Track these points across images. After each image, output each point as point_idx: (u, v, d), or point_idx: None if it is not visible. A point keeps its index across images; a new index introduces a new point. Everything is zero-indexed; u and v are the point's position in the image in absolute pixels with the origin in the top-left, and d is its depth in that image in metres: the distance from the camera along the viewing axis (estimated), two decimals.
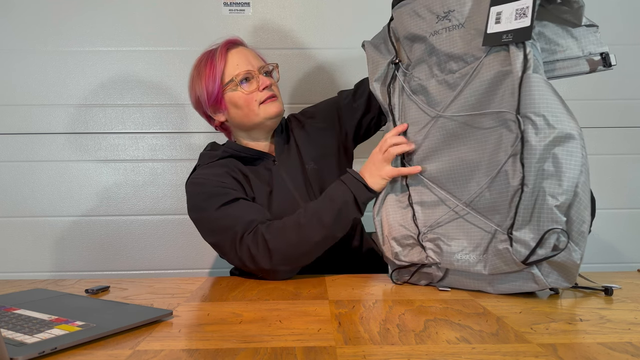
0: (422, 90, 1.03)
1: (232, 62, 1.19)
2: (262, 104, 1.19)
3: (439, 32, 0.98)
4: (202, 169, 1.19)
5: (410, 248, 1.01)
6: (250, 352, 0.62)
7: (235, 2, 1.72)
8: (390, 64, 1.09)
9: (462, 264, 0.94)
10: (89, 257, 1.73)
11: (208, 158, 1.22)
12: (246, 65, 1.19)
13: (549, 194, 0.82)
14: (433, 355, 0.61)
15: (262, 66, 1.22)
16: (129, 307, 0.81)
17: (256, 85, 1.19)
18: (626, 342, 0.65)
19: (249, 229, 1.06)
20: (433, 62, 1.00)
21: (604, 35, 1.93)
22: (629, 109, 1.83)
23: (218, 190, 1.11)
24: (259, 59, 1.25)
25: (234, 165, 1.19)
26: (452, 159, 0.97)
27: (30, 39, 1.70)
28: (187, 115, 1.74)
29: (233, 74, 1.19)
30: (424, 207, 1.02)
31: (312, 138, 1.30)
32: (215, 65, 1.19)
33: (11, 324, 0.71)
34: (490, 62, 0.90)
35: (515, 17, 0.86)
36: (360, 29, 1.75)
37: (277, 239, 1.03)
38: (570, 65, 0.94)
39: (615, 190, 1.83)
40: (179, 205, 1.74)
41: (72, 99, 1.71)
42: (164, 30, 1.71)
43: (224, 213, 1.09)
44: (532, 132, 0.82)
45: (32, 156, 1.72)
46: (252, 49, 1.26)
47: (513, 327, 0.71)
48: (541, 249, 0.83)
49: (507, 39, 0.87)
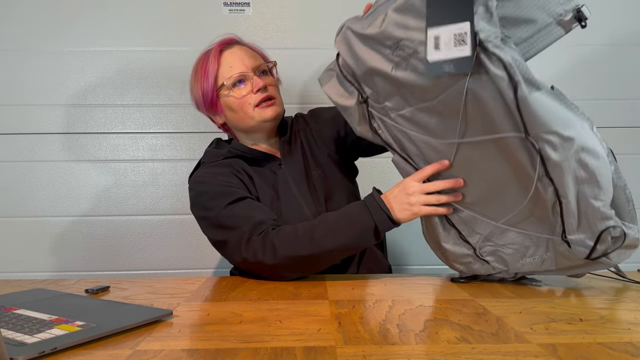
0: (409, 121, 0.92)
1: (225, 64, 1.16)
2: (257, 107, 1.16)
3: (399, 64, 0.85)
4: (207, 168, 1.18)
5: (472, 264, 1.00)
6: (250, 352, 0.62)
7: (235, 2, 1.72)
8: (359, 104, 0.97)
9: (530, 266, 0.95)
10: (89, 257, 1.73)
11: (213, 156, 1.20)
12: (240, 66, 1.15)
13: (590, 197, 0.81)
14: (433, 355, 0.61)
15: (257, 66, 1.17)
16: (129, 307, 0.81)
17: (250, 87, 1.15)
18: (626, 342, 0.65)
19: (258, 231, 1.03)
20: (405, 93, 0.89)
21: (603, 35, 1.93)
22: (629, 109, 1.83)
23: (224, 190, 1.10)
24: (256, 57, 1.20)
25: (239, 166, 1.18)
26: (483, 184, 0.90)
27: (30, 39, 1.70)
28: (187, 115, 1.74)
29: (226, 76, 1.15)
30: (467, 225, 0.97)
31: (318, 144, 1.27)
32: (208, 68, 1.16)
33: (11, 324, 0.71)
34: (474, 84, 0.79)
35: (454, 44, 0.76)
36: None
37: (286, 248, 1.00)
38: (543, 36, 0.82)
39: None
40: (179, 205, 1.74)
41: (72, 99, 1.71)
42: (164, 30, 1.71)
43: (231, 212, 1.06)
44: (550, 150, 0.78)
45: (32, 156, 1.72)
46: (249, 47, 1.22)
47: (513, 327, 0.71)
48: (601, 244, 0.84)
49: (449, 69, 0.77)
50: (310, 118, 1.33)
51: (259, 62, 1.19)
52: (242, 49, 1.20)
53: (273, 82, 1.20)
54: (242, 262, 1.06)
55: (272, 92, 1.18)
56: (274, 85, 1.20)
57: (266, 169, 1.20)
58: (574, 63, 1.82)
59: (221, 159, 1.19)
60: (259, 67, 1.18)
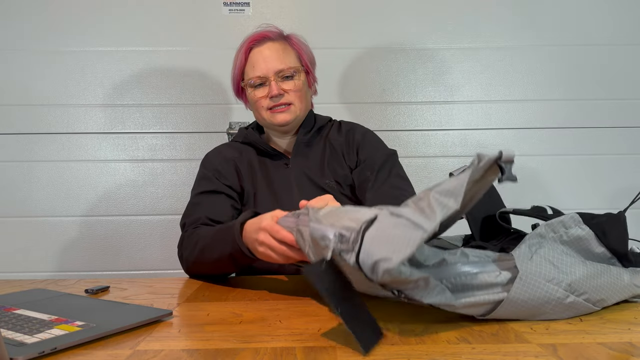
0: None
1: (250, 62, 1.20)
2: (269, 110, 1.19)
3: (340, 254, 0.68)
4: (224, 144, 1.30)
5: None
6: (250, 352, 0.62)
7: (235, 2, 1.72)
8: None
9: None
10: (89, 257, 1.73)
11: (238, 135, 1.29)
12: (261, 69, 1.17)
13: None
14: (433, 355, 0.60)
15: (279, 70, 1.17)
16: (129, 307, 0.81)
17: (266, 92, 1.18)
18: (626, 342, 0.65)
19: (193, 226, 1.12)
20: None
21: (603, 34, 1.93)
22: (628, 109, 1.83)
23: (209, 176, 1.20)
24: (284, 60, 1.18)
25: (248, 155, 1.24)
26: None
27: (30, 39, 1.70)
28: (187, 115, 1.74)
29: (249, 75, 1.20)
30: None
31: (344, 163, 1.22)
32: (237, 61, 1.22)
33: (11, 324, 0.71)
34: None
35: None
36: (360, 28, 1.75)
37: (186, 249, 1.09)
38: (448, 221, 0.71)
39: (615, 190, 1.83)
40: (179, 205, 1.74)
41: (72, 99, 1.71)
42: (164, 30, 1.71)
43: (197, 199, 1.17)
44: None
45: (32, 156, 1.72)
46: (281, 44, 1.19)
47: (513, 327, 0.71)
48: None
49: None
50: (351, 134, 1.26)
51: (284, 66, 1.17)
52: (271, 47, 1.18)
53: (294, 87, 1.19)
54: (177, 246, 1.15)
55: (290, 98, 1.18)
56: (296, 91, 1.19)
57: (272, 165, 1.23)
58: (574, 63, 1.82)
59: (239, 141, 1.27)
60: (282, 72, 1.17)
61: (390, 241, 0.57)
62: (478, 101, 1.84)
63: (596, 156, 1.84)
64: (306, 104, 1.24)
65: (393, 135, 1.83)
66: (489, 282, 0.70)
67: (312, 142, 1.25)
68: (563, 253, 0.77)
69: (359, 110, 1.81)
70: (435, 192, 0.61)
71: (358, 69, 1.78)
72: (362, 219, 0.63)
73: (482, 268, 0.71)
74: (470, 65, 1.84)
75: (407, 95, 1.84)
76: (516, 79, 1.83)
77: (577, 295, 0.73)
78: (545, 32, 1.82)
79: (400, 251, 0.55)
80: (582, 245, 0.79)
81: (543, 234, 0.78)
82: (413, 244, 0.55)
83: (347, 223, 0.64)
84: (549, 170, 1.85)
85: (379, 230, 0.59)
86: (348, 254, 0.61)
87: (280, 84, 1.18)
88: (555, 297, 0.71)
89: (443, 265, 0.71)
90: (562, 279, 0.72)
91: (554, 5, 1.81)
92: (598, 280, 0.75)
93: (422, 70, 1.83)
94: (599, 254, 0.81)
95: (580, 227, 0.80)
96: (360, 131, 1.27)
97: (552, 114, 1.83)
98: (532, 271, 0.70)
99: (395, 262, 0.56)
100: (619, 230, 0.81)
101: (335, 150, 1.24)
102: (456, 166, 1.85)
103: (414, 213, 0.59)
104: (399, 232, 0.57)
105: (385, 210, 0.64)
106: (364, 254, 0.58)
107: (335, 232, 0.63)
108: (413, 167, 1.82)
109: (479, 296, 0.70)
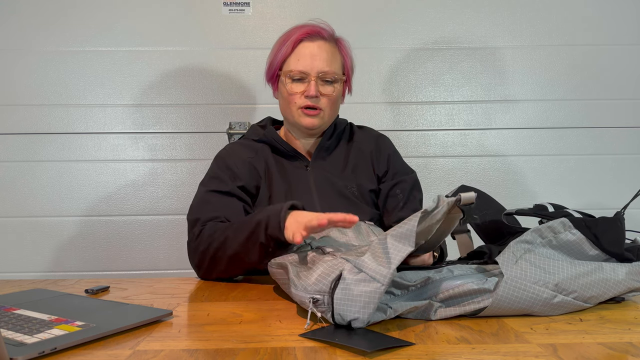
0: None
1: (296, 54, 1.15)
2: (300, 109, 1.16)
3: None
4: (240, 142, 1.24)
5: None
6: (250, 352, 0.62)
7: (235, 2, 1.72)
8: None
9: None
10: (89, 257, 1.73)
11: (252, 133, 1.24)
12: (306, 64, 1.14)
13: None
14: (433, 355, 0.60)
15: (323, 72, 1.14)
16: (129, 307, 0.81)
17: (304, 89, 1.15)
18: (626, 342, 0.65)
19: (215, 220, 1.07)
20: None
21: (603, 34, 1.93)
22: (628, 109, 1.83)
23: (222, 175, 1.14)
24: (331, 63, 1.16)
25: (264, 154, 1.19)
26: None
27: (30, 39, 1.70)
28: (187, 115, 1.74)
29: (291, 66, 1.15)
30: None
31: (372, 169, 1.22)
32: (282, 48, 1.17)
33: (11, 324, 0.71)
34: None
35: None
36: (360, 28, 1.75)
37: (208, 239, 1.03)
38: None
39: (615, 190, 1.83)
40: (179, 205, 1.74)
41: (72, 99, 1.72)
42: (164, 30, 1.71)
43: (208, 197, 1.12)
44: None
45: (32, 156, 1.72)
46: (332, 47, 1.18)
47: (513, 327, 0.71)
48: None
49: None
50: (379, 144, 1.26)
51: (329, 69, 1.15)
52: (322, 47, 1.16)
53: (331, 94, 1.17)
54: (188, 241, 1.10)
55: (323, 104, 1.16)
56: (331, 99, 1.17)
57: (291, 166, 1.19)
58: (574, 63, 1.82)
59: (255, 139, 1.21)
60: (326, 74, 1.15)
61: (355, 301, 0.67)
62: (478, 101, 1.84)
63: (596, 156, 1.84)
64: (335, 112, 1.22)
65: (393, 135, 1.82)
66: (476, 289, 0.74)
67: (334, 146, 1.24)
68: (549, 257, 0.79)
69: (359, 110, 1.81)
70: (391, 236, 0.70)
71: (358, 69, 1.77)
72: (331, 275, 0.71)
73: (468, 279, 0.76)
74: (470, 65, 1.84)
75: (407, 95, 1.84)
76: (516, 79, 1.83)
77: (566, 295, 0.75)
78: (545, 32, 1.82)
79: (366, 308, 0.67)
80: (575, 248, 0.82)
81: (530, 240, 0.80)
82: (374, 298, 0.67)
83: (319, 280, 0.72)
84: (549, 170, 1.85)
85: (345, 291, 0.68)
86: (327, 315, 0.70)
87: (320, 86, 1.15)
88: (543, 298, 0.74)
89: (429, 284, 0.77)
90: (549, 280, 0.74)
91: (554, 5, 1.81)
92: (588, 279, 0.77)
93: (422, 70, 1.83)
94: (594, 256, 0.82)
95: (570, 232, 0.81)
96: (388, 141, 1.30)
97: (552, 114, 1.83)
98: (517, 275, 0.74)
99: (364, 319, 0.67)
100: (614, 232, 0.82)
101: (364, 156, 1.23)
102: (456, 166, 1.85)
103: (372, 262, 0.69)
104: (360, 289, 0.67)
105: (354, 256, 0.72)
106: (338, 316, 0.68)
107: (309, 299, 0.71)
108: (413, 167, 1.81)
109: (468, 306, 0.75)
